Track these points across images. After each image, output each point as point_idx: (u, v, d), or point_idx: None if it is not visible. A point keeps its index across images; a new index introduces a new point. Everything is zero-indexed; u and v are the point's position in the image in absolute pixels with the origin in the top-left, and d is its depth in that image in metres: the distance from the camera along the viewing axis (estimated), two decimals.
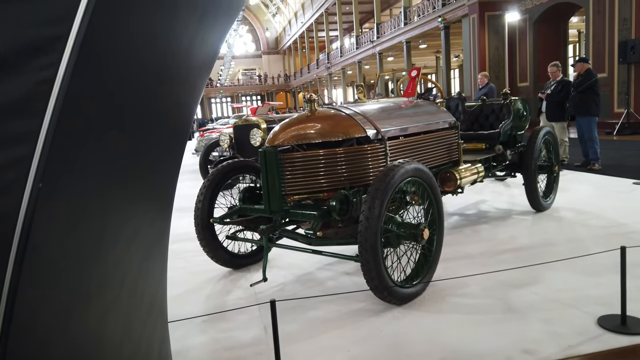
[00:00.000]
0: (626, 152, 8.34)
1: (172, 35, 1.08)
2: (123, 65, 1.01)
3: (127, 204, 1.15)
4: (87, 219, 1.03)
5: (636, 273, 2.95)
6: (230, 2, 1.21)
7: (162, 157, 1.27)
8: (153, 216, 1.32)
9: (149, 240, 1.30)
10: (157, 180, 1.28)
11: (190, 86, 1.25)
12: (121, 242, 1.16)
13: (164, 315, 1.63)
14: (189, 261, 3.97)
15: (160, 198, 1.35)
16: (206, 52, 1.24)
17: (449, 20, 18.72)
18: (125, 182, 1.13)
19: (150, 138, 1.18)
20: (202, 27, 1.13)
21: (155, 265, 1.41)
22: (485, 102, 5.30)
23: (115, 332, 1.18)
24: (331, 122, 3.20)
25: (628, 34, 11.85)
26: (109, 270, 1.11)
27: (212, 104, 52.88)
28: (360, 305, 2.86)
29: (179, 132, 1.32)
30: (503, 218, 4.71)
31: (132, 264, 1.21)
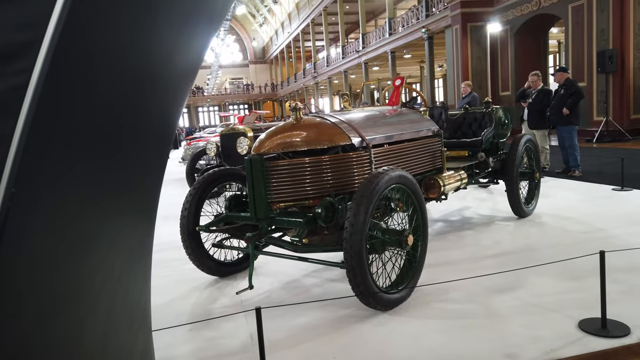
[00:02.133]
0: (605, 160, 8.52)
1: (152, 42, 1.09)
2: (100, 71, 1.01)
3: (106, 210, 1.14)
4: (63, 225, 1.02)
5: (616, 277, 3.03)
6: (212, 10, 1.22)
7: (144, 164, 1.27)
8: (135, 223, 1.31)
9: (130, 248, 1.30)
10: (139, 187, 1.28)
11: (173, 93, 1.26)
12: (99, 248, 1.15)
13: (148, 324, 1.63)
14: (175, 269, 3.94)
15: (143, 205, 1.35)
16: (189, 60, 1.25)
17: (433, 30, 18.99)
18: (104, 188, 1.12)
19: (131, 144, 1.18)
20: (184, 35, 1.14)
21: (138, 273, 1.40)
22: (468, 110, 5.39)
23: (94, 341, 1.16)
24: (317, 130, 3.23)
25: (606, 45, 12.15)
26: (86, 277, 1.10)
27: (200, 112, 52.73)
28: (345, 311, 2.87)
29: (163, 139, 1.32)
30: (486, 224, 4.77)
31: (112, 271, 1.21)
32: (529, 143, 4.99)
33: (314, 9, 32.07)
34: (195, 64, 1.33)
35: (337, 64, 30.96)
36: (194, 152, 8.86)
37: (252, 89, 51.96)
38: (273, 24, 45.81)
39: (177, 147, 25.39)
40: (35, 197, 0.94)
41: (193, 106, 51.01)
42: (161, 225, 5.37)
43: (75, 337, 1.10)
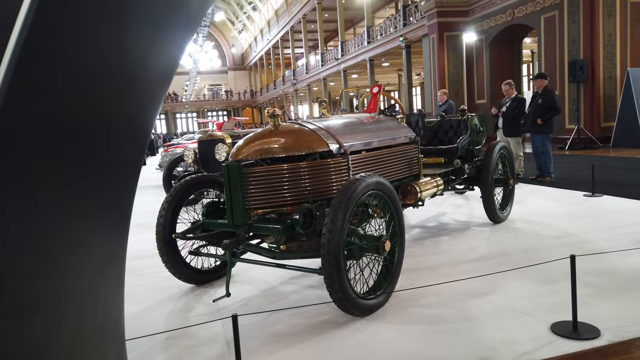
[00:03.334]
0: (577, 166, 8.75)
1: (125, 45, 1.08)
2: (70, 73, 0.99)
3: (76, 217, 1.12)
4: (30, 230, 0.99)
5: (587, 280, 3.11)
6: (187, 15, 1.22)
7: (116, 168, 1.25)
8: (106, 230, 1.29)
9: (101, 255, 1.27)
10: (110, 192, 1.26)
11: (147, 98, 1.25)
12: (69, 255, 1.12)
13: (121, 333, 1.60)
14: (150, 278, 3.89)
15: (115, 211, 1.33)
16: (163, 65, 1.24)
17: (410, 39, 19.27)
18: (73, 193, 1.10)
19: (103, 149, 1.17)
20: (158, 39, 1.14)
21: (110, 282, 1.37)
22: (444, 118, 5.48)
23: (61, 350, 1.13)
24: (295, 136, 3.24)
25: (577, 55, 12.52)
26: (52, 285, 1.08)
27: (178, 119, 52.25)
28: (323, 317, 2.87)
29: (136, 144, 1.31)
30: (462, 230, 4.84)
31: (82, 279, 1.18)
32: (503, 150, 5.09)
33: (293, 16, 32.21)
34: (170, 69, 1.32)
35: (316, 71, 31.10)
36: (171, 159, 8.75)
37: (231, 96, 51.77)
38: (252, 31, 45.81)
39: (155, 153, 25.08)
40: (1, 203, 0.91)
41: (171, 112, 50.53)
42: (137, 232, 5.32)
43: (41, 347, 1.07)
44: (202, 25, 39.28)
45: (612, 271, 3.32)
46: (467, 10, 16.88)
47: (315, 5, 27.76)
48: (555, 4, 13.22)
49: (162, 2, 1.08)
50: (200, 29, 40.11)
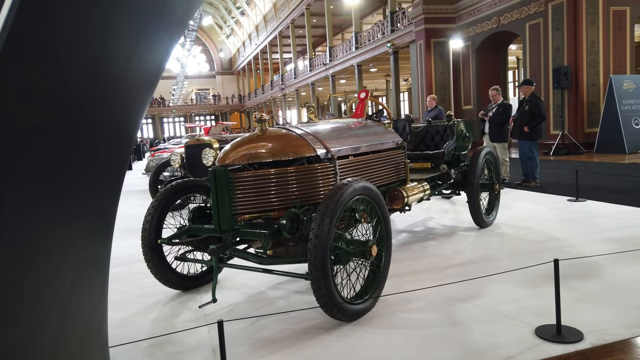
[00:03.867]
0: (561, 171, 8.87)
1: (107, 48, 1.07)
2: (50, 75, 0.98)
3: (57, 220, 1.11)
4: (8, 233, 0.98)
5: (570, 284, 3.15)
6: (173, 19, 1.21)
7: (98, 173, 1.24)
8: (89, 235, 1.27)
9: (84, 260, 1.25)
10: (93, 197, 1.25)
11: (131, 102, 1.24)
12: (50, 259, 1.11)
13: (104, 340, 1.58)
14: (136, 284, 3.85)
15: (98, 216, 1.32)
16: (147, 69, 1.23)
17: (398, 45, 19.43)
18: (54, 197, 1.09)
19: (86, 152, 1.15)
20: (141, 42, 1.13)
21: (93, 286, 1.35)
22: (431, 123, 5.52)
23: (43, 355, 1.12)
24: (282, 141, 3.24)
25: (561, 61, 12.73)
26: (34, 290, 1.06)
27: (165, 123, 51.92)
28: (310, 323, 2.87)
29: (119, 148, 1.30)
30: (449, 234, 4.88)
31: (64, 283, 1.16)
32: (489, 155, 5.14)
33: (282, 21, 32.29)
34: (155, 73, 1.31)
35: (304, 76, 31.17)
36: (157, 164, 8.70)
37: (219, 100, 51.62)
38: (240, 36, 45.80)
39: (141, 158, 24.90)
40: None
41: (158, 117, 50.22)
42: (122, 238, 5.27)
43: (22, 351, 1.05)
44: (190, 29, 39.18)
45: (595, 275, 3.37)
46: (454, 17, 17.08)
47: (303, 10, 27.88)
48: (539, 12, 13.44)
49: (145, 6, 1.08)
50: (188, 33, 40.00)
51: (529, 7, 13.85)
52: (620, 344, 2.37)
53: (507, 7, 14.68)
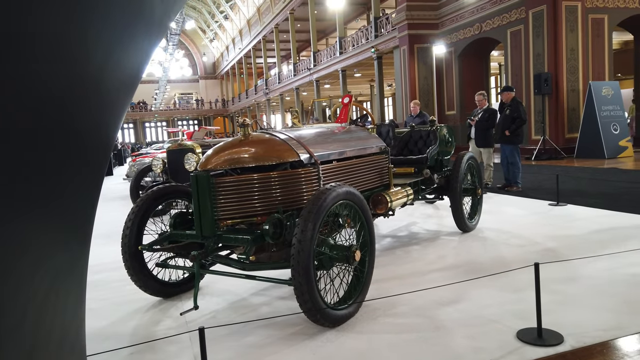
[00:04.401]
0: (543, 176, 9.00)
1: (81, 49, 1.05)
2: (25, 75, 0.96)
3: (30, 227, 1.07)
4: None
5: (551, 288, 3.18)
6: (150, 22, 1.19)
7: (75, 179, 1.21)
8: (65, 241, 1.24)
9: (59, 267, 1.22)
10: (69, 202, 1.22)
11: (109, 105, 1.21)
12: (22, 266, 1.07)
13: (82, 348, 1.53)
14: (116, 291, 3.78)
15: (75, 222, 1.28)
16: (125, 71, 1.21)
17: (382, 51, 19.56)
18: (27, 202, 1.06)
19: (62, 156, 1.12)
20: (118, 45, 1.11)
21: (69, 295, 1.32)
22: (414, 128, 5.56)
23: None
24: (265, 146, 3.22)
25: (542, 68, 12.94)
26: (5, 296, 1.02)
27: (147, 128, 51.39)
28: (293, 329, 2.84)
29: (97, 152, 1.27)
30: (432, 239, 4.90)
31: (37, 291, 1.13)
32: (471, 160, 5.19)
33: (265, 26, 32.28)
34: (134, 77, 1.29)
35: (288, 80, 31.18)
36: (139, 169, 8.59)
37: (202, 105, 51.32)
38: (224, 40, 45.66)
39: (122, 163, 24.60)
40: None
41: (139, 121, 49.71)
42: (102, 244, 5.18)
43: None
44: (172, 33, 38.92)
45: (575, 278, 3.41)
46: (437, 23, 17.27)
47: (287, 15, 27.91)
48: (520, 19, 13.67)
49: (119, 7, 1.06)
50: (171, 37, 39.74)
51: (510, 14, 14.08)
52: (600, 346, 2.40)
53: (488, 14, 14.91)
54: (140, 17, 1.13)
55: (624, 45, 20.87)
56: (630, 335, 2.50)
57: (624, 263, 3.60)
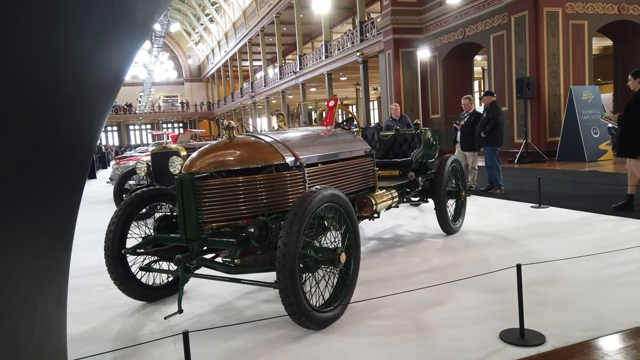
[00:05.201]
0: (525, 179, 9.13)
1: (63, 51, 1.03)
2: (5, 75, 0.94)
3: (8, 229, 1.06)
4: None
5: (533, 289, 3.23)
6: (132, 24, 1.18)
7: (55, 182, 1.19)
8: (43, 248, 1.22)
9: (38, 273, 1.20)
10: (48, 206, 1.20)
11: (89, 109, 1.20)
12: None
13: (62, 353, 1.51)
14: (99, 296, 3.73)
15: (54, 225, 1.26)
16: (106, 75, 1.20)
17: (367, 54, 19.67)
18: (5, 204, 1.04)
19: (42, 158, 1.11)
20: (99, 47, 1.10)
21: (49, 300, 1.30)
22: (399, 131, 5.60)
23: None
24: (250, 149, 3.22)
25: (524, 72, 13.15)
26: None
27: (131, 131, 50.84)
28: (279, 332, 2.84)
29: (77, 156, 1.25)
30: (417, 241, 4.94)
31: (14, 295, 1.11)
32: (455, 163, 5.25)
33: (251, 29, 32.23)
34: (116, 79, 1.28)
35: (274, 84, 31.15)
36: (123, 172, 8.49)
37: (188, 108, 50.98)
38: (209, 43, 45.46)
39: (106, 166, 24.30)
40: None
41: (124, 124, 49.17)
42: (84, 248, 5.11)
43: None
44: (157, 35, 38.65)
45: (556, 279, 3.47)
46: (422, 27, 17.44)
47: (273, 18, 27.91)
48: (503, 24, 13.87)
49: (101, 8, 1.05)
50: (155, 40, 39.45)
51: (493, 20, 14.28)
52: (580, 346, 2.45)
53: (472, 19, 15.10)
54: (121, 17, 1.12)
55: (603, 50, 21.31)
56: (610, 335, 2.55)
57: (604, 264, 3.67)
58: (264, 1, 29.14)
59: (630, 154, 5.46)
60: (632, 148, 5.39)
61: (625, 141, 5.48)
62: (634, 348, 2.40)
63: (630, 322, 2.67)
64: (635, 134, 5.32)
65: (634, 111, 5.33)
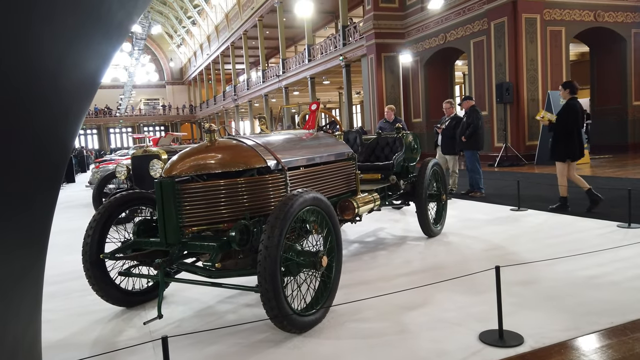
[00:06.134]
0: (505, 182, 9.27)
1: (37, 52, 1.02)
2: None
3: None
4: None
5: (512, 290, 3.27)
6: (109, 26, 1.17)
7: (27, 187, 1.16)
8: (14, 253, 1.19)
9: (9, 277, 1.17)
10: (20, 211, 1.17)
11: (63, 111, 1.18)
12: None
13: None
14: (76, 301, 3.66)
15: (28, 232, 1.23)
16: (82, 76, 1.18)
17: (350, 59, 19.76)
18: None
19: (12, 162, 1.08)
20: (75, 48, 1.08)
21: (21, 306, 1.26)
22: (380, 135, 5.64)
23: None
24: (232, 152, 3.20)
25: (503, 77, 13.36)
26: None
27: (111, 134, 50.11)
28: (260, 336, 2.82)
29: (51, 160, 1.23)
30: (398, 244, 4.97)
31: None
32: (436, 167, 5.30)
33: (234, 32, 32.11)
34: (91, 82, 1.26)
35: (257, 87, 31.07)
36: (102, 176, 8.37)
37: (169, 111, 50.50)
38: (192, 45, 45.14)
39: (85, 170, 23.91)
40: None
41: (104, 127, 48.45)
42: (62, 253, 5.02)
43: None
44: (138, 38, 38.25)
45: (535, 281, 3.52)
46: (403, 32, 17.60)
47: (256, 22, 27.86)
48: (483, 30, 14.08)
49: (77, 11, 1.04)
50: (136, 42, 39.05)
51: (473, 25, 14.49)
52: (558, 346, 2.49)
53: (452, 25, 15.30)
54: (97, 19, 1.10)
55: (580, 56, 21.78)
56: (586, 335, 2.60)
57: (580, 265, 3.74)
58: (247, 4, 29.07)
59: (559, 158, 5.99)
60: (561, 153, 5.94)
61: (555, 147, 6.01)
62: (609, 348, 2.45)
63: (606, 322, 2.73)
64: (564, 140, 5.89)
65: (564, 119, 5.88)
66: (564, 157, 5.98)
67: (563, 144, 5.93)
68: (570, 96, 6.02)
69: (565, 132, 5.90)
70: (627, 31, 14.58)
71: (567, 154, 5.96)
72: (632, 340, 2.50)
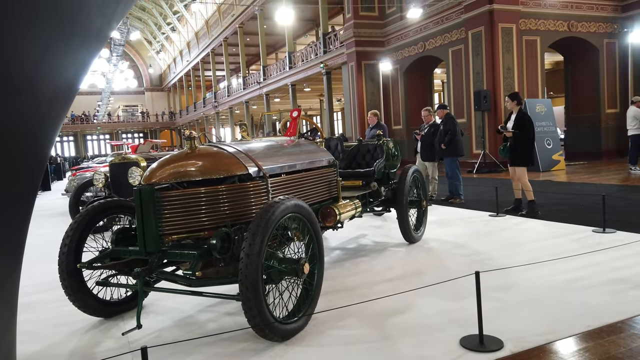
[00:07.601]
0: (483, 188, 9.40)
1: (14, 56, 0.99)
2: None
3: None
4: None
5: (492, 295, 3.31)
6: (88, 34, 1.15)
7: (3, 193, 1.13)
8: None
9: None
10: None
11: (40, 117, 1.16)
12: None
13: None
14: (53, 312, 3.57)
15: (2, 241, 1.20)
16: (60, 82, 1.16)
17: (330, 66, 19.88)
18: None
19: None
20: (52, 53, 1.07)
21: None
22: (362, 142, 5.67)
23: None
24: (212, 159, 3.18)
25: (481, 85, 13.61)
26: None
27: (88, 141, 49.27)
28: (241, 345, 2.80)
29: (27, 167, 1.20)
30: (380, 250, 4.99)
31: None
32: (416, 173, 5.35)
33: (214, 39, 32.01)
34: (68, 88, 1.23)
35: (238, 94, 30.97)
36: (79, 183, 8.20)
37: (148, 117, 49.94)
38: (171, 52, 44.82)
39: (61, 178, 23.43)
40: None
41: (81, 134, 47.62)
42: (38, 263, 4.90)
43: None
44: (116, 44, 37.80)
45: (513, 286, 3.57)
46: (383, 40, 17.80)
47: (236, 29, 27.84)
48: (461, 39, 14.33)
49: (55, 18, 1.02)
50: (114, 48, 38.57)
51: (451, 34, 14.74)
52: (536, 350, 2.53)
53: (431, 33, 15.54)
54: (75, 25, 1.09)
55: (555, 65, 22.35)
56: (564, 339, 2.64)
57: (558, 270, 3.82)
58: (227, 11, 29.03)
59: (520, 163, 6.40)
60: (522, 158, 6.37)
61: (517, 153, 6.38)
62: (586, 351, 2.49)
63: (582, 325, 2.78)
64: (527, 147, 6.35)
65: (527, 128, 6.27)
66: (528, 162, 6.42)
67: (526, 150, 6.36)
68: (518, 107, 6.47)
69: (527, 139, 6.31)
70: (599, 41, 15.03)
71: (531, 159, 6.45)
72: (608, 343, 2.55)
